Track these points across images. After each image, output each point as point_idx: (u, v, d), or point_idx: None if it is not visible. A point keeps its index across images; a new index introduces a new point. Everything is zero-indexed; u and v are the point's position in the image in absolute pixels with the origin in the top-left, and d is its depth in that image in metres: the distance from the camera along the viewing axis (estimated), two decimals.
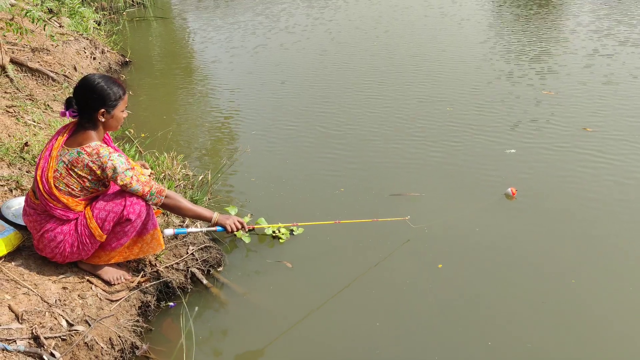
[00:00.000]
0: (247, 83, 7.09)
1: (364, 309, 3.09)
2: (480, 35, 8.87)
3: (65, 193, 2.65)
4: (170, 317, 3.00)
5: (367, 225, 3.71)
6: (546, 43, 8.19)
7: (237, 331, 2.94)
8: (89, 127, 2.68)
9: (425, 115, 5.67)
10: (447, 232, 3.71)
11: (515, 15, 10.32)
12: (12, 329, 2.42)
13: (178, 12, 12.61)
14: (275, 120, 5.75)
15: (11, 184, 3.42)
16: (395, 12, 10.95)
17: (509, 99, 6.01)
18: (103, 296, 2.80)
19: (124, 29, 10.10)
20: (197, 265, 3.27)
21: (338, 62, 7.77)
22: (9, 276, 2.68)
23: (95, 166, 2.62)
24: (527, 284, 3.20)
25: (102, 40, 7.99)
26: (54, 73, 5.85)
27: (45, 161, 2.66)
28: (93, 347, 2.53)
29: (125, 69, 7.75)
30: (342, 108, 5.96)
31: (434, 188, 4.26)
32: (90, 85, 2.65)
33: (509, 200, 4.03)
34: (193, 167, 4.61)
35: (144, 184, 2.71)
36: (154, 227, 2.90)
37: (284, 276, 3.35)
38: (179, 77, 7.53)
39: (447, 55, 7.79)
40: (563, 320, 2.93)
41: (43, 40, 6.48)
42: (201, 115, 6.07)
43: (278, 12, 11.40)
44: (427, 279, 3.28)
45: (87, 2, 10.77)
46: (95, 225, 2.69)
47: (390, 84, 6.70)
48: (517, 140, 4.99)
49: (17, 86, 5.21)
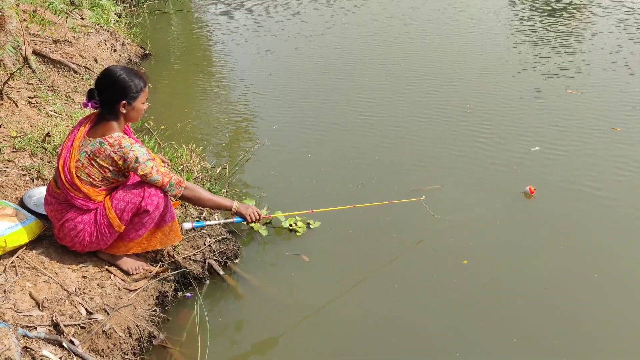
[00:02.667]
0: (266, 76, 7.10)
1: (382, 303, 3.09)
2: (502, 32, 8.79)
3: (86, 183, 2.69)
4: (187, 307, 3.03)
5: (386, 220, 3.74)
6: (570, 41, 8.08)
7: (252, 323, 2.96)
8: (111, 119, 2.71)
9: (445, 112, 5.63)
10: (469, 227, 3.70)
11: (538, 12, 10.20)
12: (33, 316, 2.46)
13: (197, 5, 12.65)
14: (295, 114, 5.76)
15: (33, 173, 3.47)
16: (414, 11, 10.87)
17: (532, 97, 5.93)
18: (122, 286, 2.84)
19: (144, 21, 10.16)
20: (214, 257, 3.29)
21: (359, 58, 7.74)
22: (30, 264, 2.73)
23: (117, 156, 2.65)
24: (552, 281, 3.19)
25: (122, 33, 8.05)
26: (75, 65, 5.91)
27: (67, 151, 2.70)
28: (111, 336, 2.57)
29: (145, 62, 7.80)
30: (364, 104, 5.93)
31: (454, 184, 4.24)
32: (112, 77, 2.68)
33: (529, 198, 4.00)
34: (211, 159, 4.64)
35: (164, 174, 2.73)
36: (172, 219, 2.93)
37: (300, 269, 3.36)
38: (198, 70, 7.56)
39: (469, 53, 7.71)
40: (590, 317, 2.91)
41: (65, 32, 6.55)
42: (220, 108, 6.10)
43: (298, 4, 11.38)
44: (450, 274, 3.28)
45: None
46: (114, 215, 2.73)
47: (410, 81, 6.66)
48: (541, 138, 4.92)
49: (39, 77, 5.27)
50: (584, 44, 7.90)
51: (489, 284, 3.19)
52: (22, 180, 3.37)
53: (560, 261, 3.37)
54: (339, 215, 3.79)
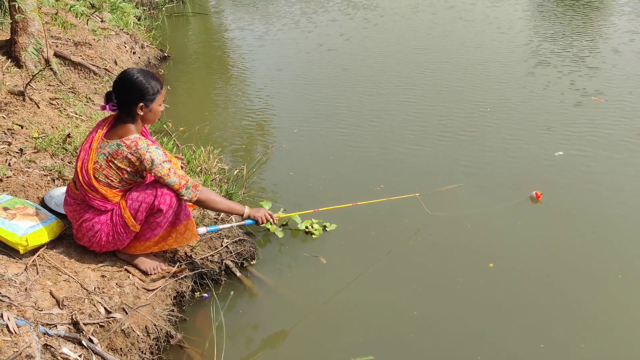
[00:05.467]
0: (284, 79, 7.12)
1: (401, 304, 3.09)
2: (523, 37, 8.68)
3: (104, 184, 2.73)
4: (204, 308, 3.06)
5: (405, 223, 3.78)
6: (594, 46, 7.95)
7: (268, 324, 2.98)
8: (128, 121, 2.75)
9: (465, 116, 5.59)
10: (491, 229, 3.71)
11: (559, 16, 10.10)
12: (53, 314, 2.50)
13: (215, 8, 12.74)
14: (314, 118, 5.75)
15: (54, 174, 3.53)
16: (434, 14, 10.83)
17: (556, 103, 5.83)
18: (140, 285, 2.87)
19: (162, 24, 10.26)
20: (231, 258, 3.32)
21: (377, 60, 7.72)
22: (50, 263, 2.78)
23: (133, 158, 2.68)
24: (576, 284, 3.18)
25: (141, 35, 8.14)
26: (95, 67, 5.99)
27: (85, 153, 2.74)
28: (129, 335, 2.60)
29: (164, 64, 7.87)
30: (383, 108, 5.91)
31: (471, 185, 4.24)
32: (129, 79, 2.72)
33: (535, 203, 3.98)
34: (228, 161, 4.68)
35: (181, 177, 2.76)
36: (187, 218, 2.95)
37: (316, 271, 3.38)
38: (216, 73, 7.62)
39: (488, 58, 7.62)
40: (619, 320, 2.89)
41: (85, 35, 6.65)
42: (237, 111, 6.14)
43: (315, 7, 11.40)
44: (476, 277, 3.28)
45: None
46: (129, 215, 2.76)
47: (429, 84, 6.62)
48: (565, 143, 4.87)
49: (60, 79, 5.36)
50: (610, 50, 7.76)
51: (515, 288, 3.18)
52: (43, 181, 3.43)
53: (583, 264, 3.35)
54: (356, 218, 3.81)
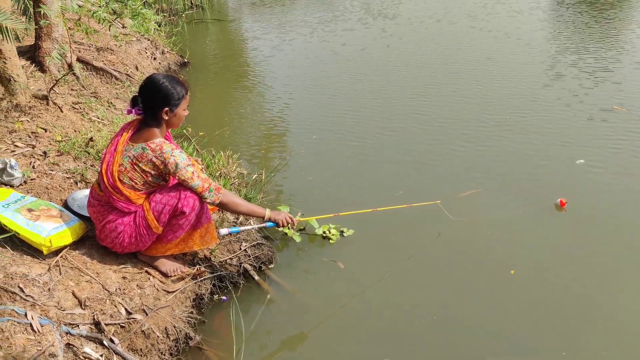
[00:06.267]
0: (303, 86, 7.16)
1: (420, 309, 3.09)
2: (542, 47, 8.60)
3: (128, 186, 2.77)
4: (222, 310, 3.09)
5: (423, 229, 3.79)
6: (616, 57, 7.87)
7: (285, 328, 3.00)
8: (153, 125, 2.80)
9: (485, 124, 5.57)
10: (513, 236, 3.70)
11: (579, 21, 10.03)
12: (76, 314, 2.54)
13: (234, 14, 12.85)
14: (334, 124, 5.77)
15: (76, 176, 3.59)
16: (453, 24, 10.82)
17: (576, 111, 5.78)
18: (160, 287, 2.91)
19: (182, 30, 10.38)
20: (249, 262, 3.35)
21: (397, 67, 7.73)
22: (73, 264, 2.82)
23: (158, 161, 2.73)
24: (600, 295, 3.15)
25: (162, 41, 8.25)
26: (117, 72, 6.08)
27: (110, 156, 2.79)
28: (149, 336, 2.63)
29: (184, 70, 7.96)
30: (402, 114, 5.92)
31: (493, 193, 4.23)
32: (155, 84, 2.77)
33: (560, 211, 3.96)
34: (247, 166, 4.71)
35: (204, 180, 2.81)
36: (208, 221, 2.99)
37: (333, 276, 3.39)
38: (234, 79, 7.68)
39: (508, 68, 7.54)
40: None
41: (107, 40, 6.75)
42: (256, 116, 6.19)
43: (332, 16, 11.45)
44: (497, 283, 3.27)
45: (148, 3, 11.12)
46: (152, 217, 2.80)
47: (447, 93, 6.59)
48: (586, 152, 4.82)
49: (82, 84, 5.44)
50: (634, 61, 7.65)
51: (536, 294, 3.16)
52: (66, 183, 3.49)
53: (607, 271, 3.33)
54: (373, 223, 3.82)
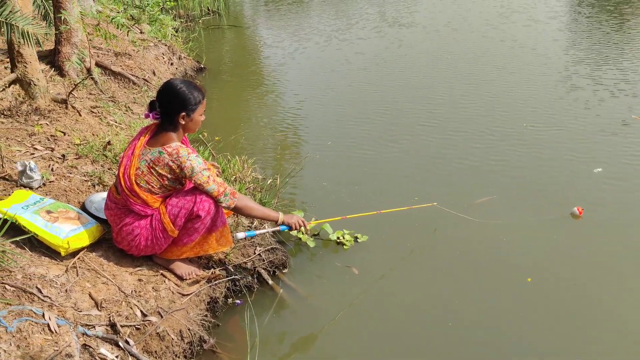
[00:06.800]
0: (315, 95, 7.14)
1: (435, 316, 3.08)
2: (560, 57, 8.54)
3: (145, 190, 2.81)
4: (236, 314, 3.10)
5: (440, 237, 3.79)
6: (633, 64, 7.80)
7: (299, 332, 3.01)
8: (170, 129, 2.83)
9: (500, 133, 5.54)
10: (529, 242, 3.69)
11: (597, 28, 9.96)
12: (92, 315, 2.57)
13: (250, 21, 12.93)
14: (347, 131, 5.76)
15: (94, 179, 3.63)
16: (469, 27, 10.80)
17: (594, 121, 5.72)
18: (175, 290, 2.93)
19: (199, 36, 10.45)
20: (263, 266, 3.36)
21: (412, 76, 7.71)
22: (90, 266, 2.86)
23: (174, 165, 2.76)
24: (619, 304, 3.13)
25: (179, 47, 8.32)
26: (134, 77, 6.14)
27: (128, 159, 2.83)
28: (164, 338, 2.65)
29: (200, 75, 8.02)
30: (417, 123, 5.89)
31: (510, 200, 4.21)
32: (173, 89, 2.81)
33: (576, 219, 3.93)
34: (262, 171, 4.74)
35: (220, 184, 2.83)
36: (223, 225, 3.01)
37: (347, 281, 3.39)
38: (250, 85, 7.72)
39: (525, 77, 7.45)
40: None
41: (125, 46, 6.83)
42: (271, 123, 6.22)
43: (348, 23, 11.45)
44: (513, 290, 3.26)
45: (166, 9, 11.23)
46: (168, 220, 2.83)
47: (464, 101, 6.55)
48: (604, 161, 4.78)
49: (100, 88, 5.51)
50: None
51: (553, 302, 3.15)
52: (84, 186, 3.53)
53: (626, 281, 3.31)
54: (388, 229, 3.83)
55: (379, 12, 12.16)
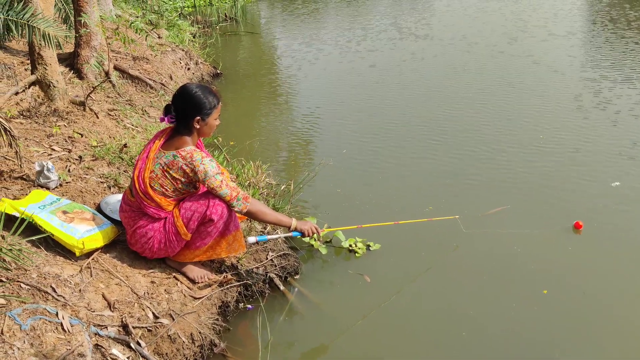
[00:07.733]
0: (330, 103, 7.12)
1: (448, 328, 3.06)
2: (577, 61, 8.51)
3: (159, 193, 2.83)
4: (247, 319, 3.11)
5: (452, 246, 3.77)
6: None
7: (309, 339, 3.00)
8: (185, 133, 2.86)
9: (519, 142, 5.49)
10: (544, 253, 3.66)
11: (617, 37, 9.87)
12: (105, 315, 2.59)
13: (266, 28, 13.01)
14: (361, 141, 5.74)
15: (110, 181, 3.67)
16: (488, 41, 10.77)
17: (613, 135, 5.62)
18: (187, 293, 2.95)
19: (216, 42, 10.54)
20: (275, 271, 3.37)
21: (427, 89, 7.67)
22: (104, 267, 2.88)
23: (188, 169, 2.78)
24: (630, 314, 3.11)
25: (196, 52, 8.39)
26: (151, 81, 6.21)
27: (142, 162, 2.85)
28: (175, 341, 2.66)
29: (216, 80, 8.08)
30: (431, 135, 5.82)
31: (519, 209, 4.18)
32: (188, 93, 2.83)
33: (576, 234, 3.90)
34: (276, 176, 4.75)
35: (232, 188, 2.84)
36: (236, 229, 3.02)
37: (359, 289, 3.38)
38: (265, 90, 7.76)
39: (542, 92, 7.34)
40: None
41: (143, 50, 6.90)
42: (285, 129, 6.24)
43: (364, 33, 11.45)
44: (530, 304, 3.23)
45: (184, 15, 11.35)
46: (182, 223, 2.85)
47: (478, 115, 6.45)
48: (623, 175, 4.70)
49: (118, 91, 5.57)
50: None
51: (570, 314, 3.12)
52: (100, 187, 3.57)
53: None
54: (401, 238, 3.81)
55: (395, 24, 12.15)
